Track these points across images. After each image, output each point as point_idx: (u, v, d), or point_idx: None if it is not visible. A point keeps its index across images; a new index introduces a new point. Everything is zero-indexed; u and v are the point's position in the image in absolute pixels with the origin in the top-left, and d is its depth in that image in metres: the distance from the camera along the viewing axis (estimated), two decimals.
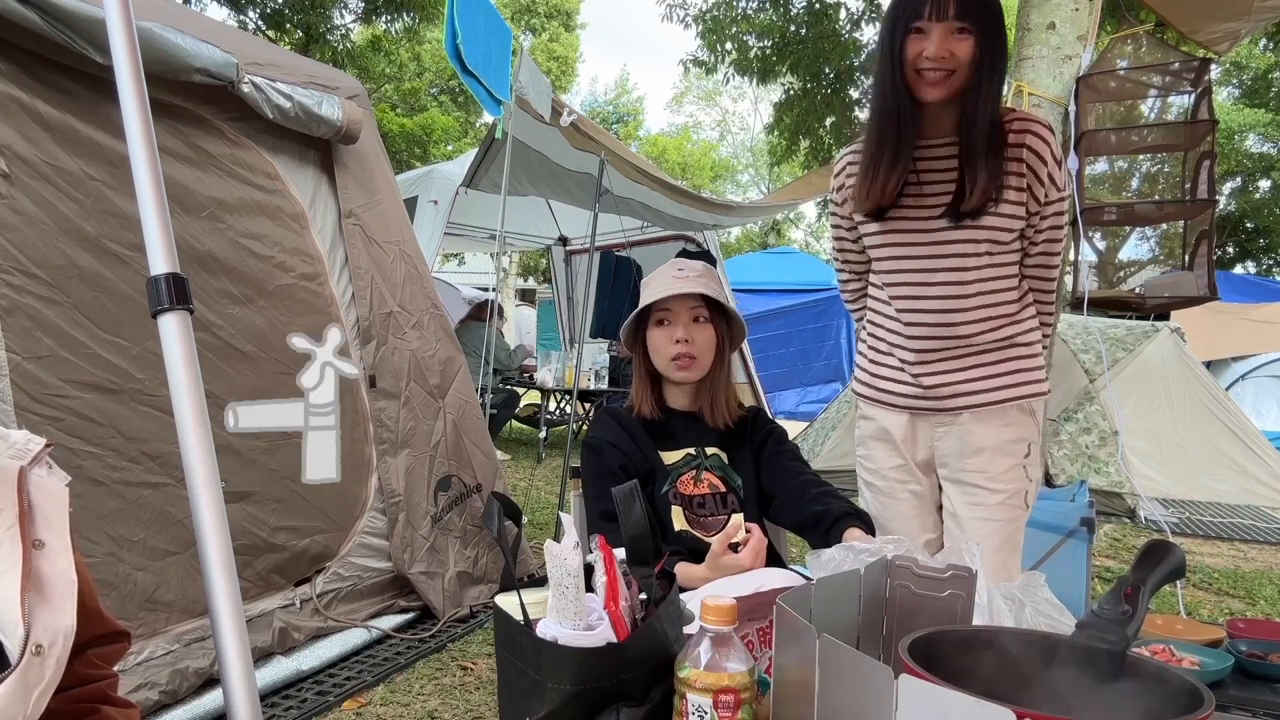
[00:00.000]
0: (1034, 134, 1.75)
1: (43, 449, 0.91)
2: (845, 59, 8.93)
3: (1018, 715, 0.65)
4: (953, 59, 1.67)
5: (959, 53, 1.67)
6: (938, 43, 1.67)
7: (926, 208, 1.80)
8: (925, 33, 1.68)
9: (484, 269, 18.65)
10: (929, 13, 1.67)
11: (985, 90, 1.70)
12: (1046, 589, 1.08)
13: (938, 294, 1.81)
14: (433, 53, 16.65)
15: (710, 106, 31.62)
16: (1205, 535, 5.28)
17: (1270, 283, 13.06)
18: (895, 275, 1.87)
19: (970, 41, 1.67)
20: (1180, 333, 6.35)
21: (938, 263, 1.80)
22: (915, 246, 1.82)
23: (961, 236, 1.77)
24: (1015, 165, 1.75)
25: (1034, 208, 1.78)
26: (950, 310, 1.81)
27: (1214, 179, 3.15)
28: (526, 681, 0.98)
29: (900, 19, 1.70)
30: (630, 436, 1.79)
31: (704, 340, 1.79)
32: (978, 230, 1.76)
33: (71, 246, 2.26)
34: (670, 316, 1.78)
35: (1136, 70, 3.35)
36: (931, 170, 1.80)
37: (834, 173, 1.99)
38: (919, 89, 1.71)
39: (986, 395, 1.84)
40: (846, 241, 2.02)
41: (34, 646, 0.80)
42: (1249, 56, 16.29)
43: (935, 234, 1.79)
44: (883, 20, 1.78)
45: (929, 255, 1.81)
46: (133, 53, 1.20)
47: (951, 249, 1.79)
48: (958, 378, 1.85)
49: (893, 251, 1.86)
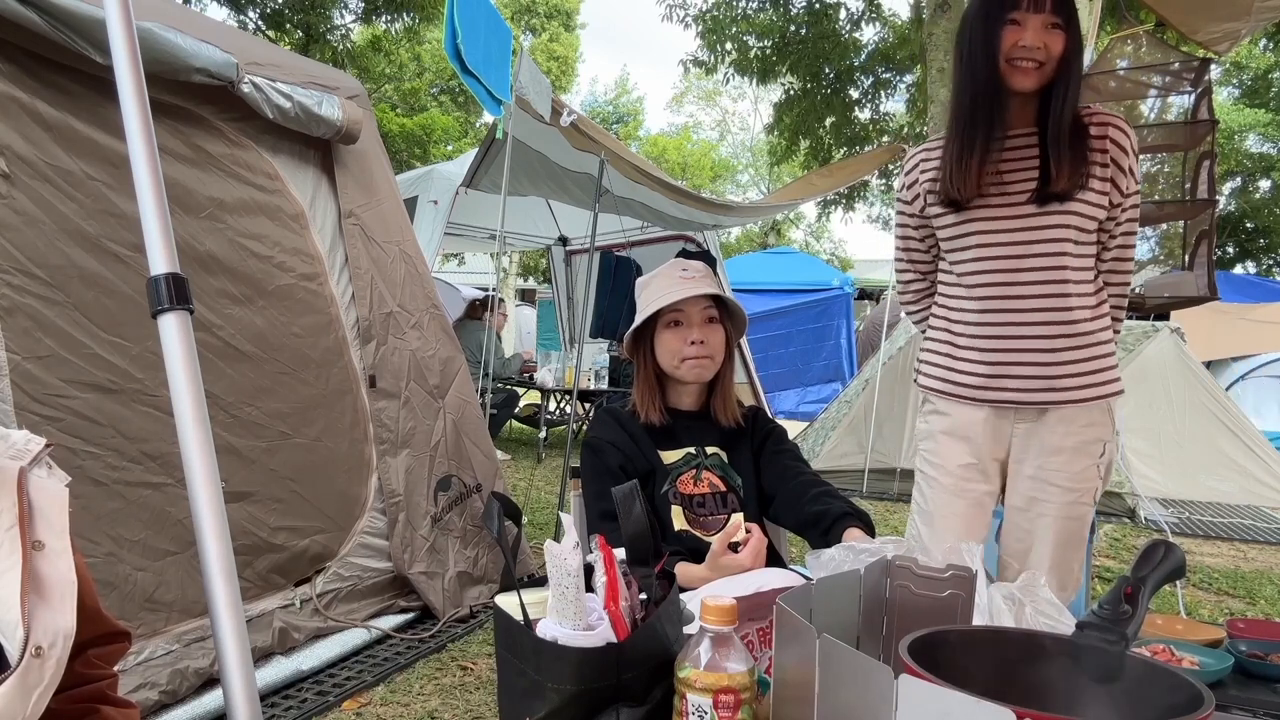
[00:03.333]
0: (1116, 127, 1.82)
1: (43, 449, 0.91)
2: (845, 59, 8.94)
3: (1018, 715, 0.65)
4: (1045, 51, 1.74)
5: (1052, 45, 1.75)
6: (1033, 34, 1.74)
7: (1011, 195, 1.83)
8: (1021, 24, 1.75)
9: (484, 269, 18.66)
10: (1027, 4, 1.74)
11: (1072, 83, 1.78)
12: (1046, 589, 1.08)
13: (1030, 279, 1.82)
14: (433, 53, 16.65)
15: (710, 106, 31.62)
16: (1205, 535, 5.28)
17: (1270, 283, 13.07)
18: (981, 265, 1.87)
19: (1062, 36, 1.75)
20: (1180, 333, 6.35)
21: (1029, 249, 1.82)
22: (1004, 234, 1.83)
23: (1050, 223, 1.80)
24: (1100, 156, 1.81)
25: (1116, 199, 1.83)
26: (1051, 296, 1.82)
27: (1214, 179, 3.15)
28: (526, 681, 0.98)
29: (995, 9, 1.77)
30: (630, 436, 1.79)
31: (718, 340, 1.81)
32: (1066, 215, 1.79)
33: (71, 246, 2.26)
34: (683, 318, 1.79)
35: (1136, 70, 3.35)
36: (1013, 160, 1.84)
37: (904, 170, 2.02)
38: (1012, 78, 1.78)
39: (1073, 393, 1.84)
40: (914, 240, 2.04)
41: (34, 648, 0.80)
42: (1249, 56, 16.29)
43: (1024, 220, 1.82)
44: (973, 9, 1.85)
45: (1020, 243, 1.82)
46: (133, 53, 1.20)
47: (1041, 235, 1.81)
48: (1047, 372, 1.84)
49: (979, 240, 1.86)
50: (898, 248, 2.09)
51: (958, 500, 1.95)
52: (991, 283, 1.86)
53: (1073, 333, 1.83)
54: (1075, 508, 1.87)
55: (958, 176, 1.83)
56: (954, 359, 1.94)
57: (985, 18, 1.79)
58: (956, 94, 1.89)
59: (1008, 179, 1.83)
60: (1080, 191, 1.79)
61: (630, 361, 1.89)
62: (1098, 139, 1.81)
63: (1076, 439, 1.85)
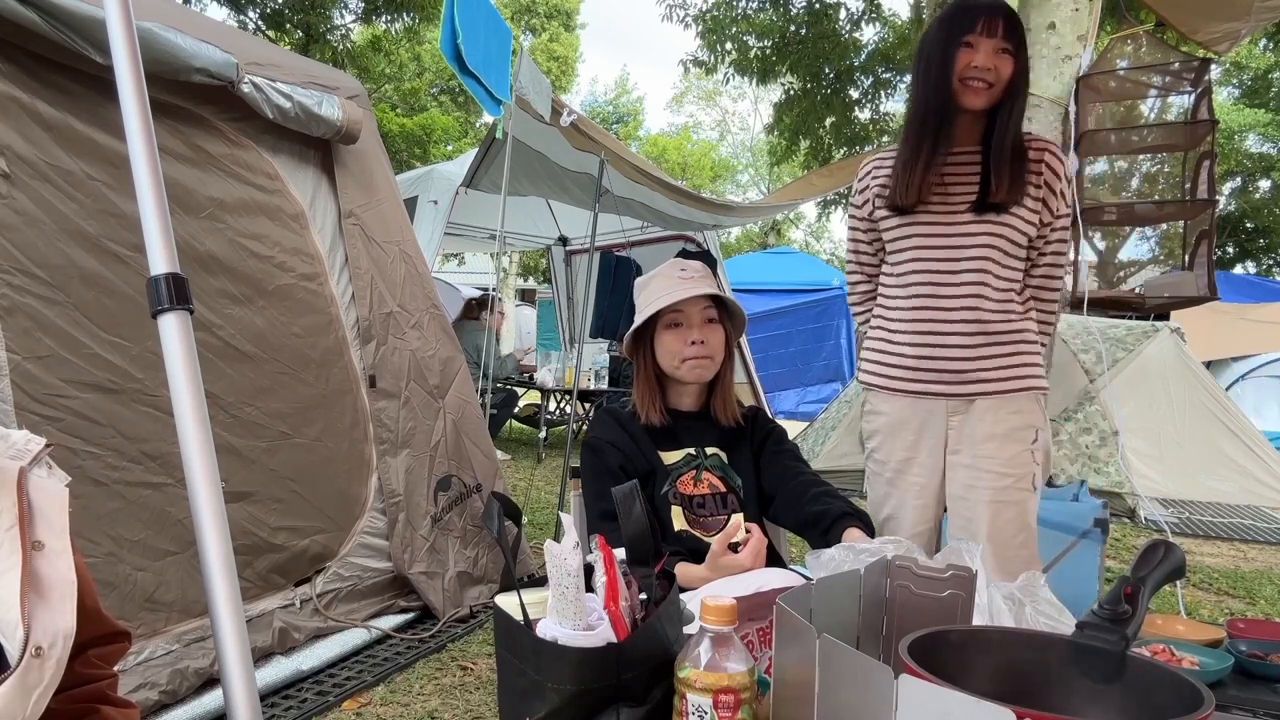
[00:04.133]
0: (1052, 153, 2.00)
1: (43, 449, 0.91)
2: (845, 59, 8.94)
3: (1018, 715, 0.65)
4: (995, 73, 1.90)
5: (1001, 69, 1.90)
6: (985, 56, 1.89)
7: (951, 205, 1.98)
8: (974, 46, 1.90)
9: (484, 269, 18.67)
10: (981, 29, 1.89)
11: (1017, 104, 1.94)
12: (1046, 589, 1.08)
13: (962, 281, 1.97)
14: (433, 53, 16.64)
15: (710, 106, 31.62)
16: (1205, 535, 5.28)
17: (1270, 283, 13.07)
18: (918, 265, 2.01)
19: (1011, 60, 1.90)
20: (1180, 333, 6.35)
21: (962, 253, 1.97)
22: (941, 238, 1.99)
23: (984, 230, 1.96)
24: (1035, 178, 1.98)
25: (1047, 218, 2.00)
26: (973, 297, 1.96)
27: (1214, 179, 3.15)
28: (526, 681, 0.98)
29: (955, 31, 1.92)
30: (630, 436, 1.79)
31: (718, 340, 1.81)
32: (1000, 226, 1.95)
33: (71, 246, 2.26)
34: (684, 319, 1.79)
35: (1136, 70, 3.35)
36: (956, 174, 2.00)
37: (857, 177, 2.16)
38: (963, 96, 1.92)
39: (999, 384, 1.98)
40: (862, 244, 2.18)
41: (34, 648, 0.80)
42: (1249, 56, 16.29)
43: (959, 227, 1.97)
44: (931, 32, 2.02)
45: (954, 247, 1.98)
46: (133, 53, 1.20)
47: (975, 241, 1.96)
48: (974, 365, 1.98)
49: (917, 243, 2.01)
50: (849, 250, 2.24)
51: (900, 491, 2.08)
52: (922, 282, 2.00)
53: (990, 331, 1.97)
54: (1011, 492, 1.98)
55: (904, 183, 1.98)
56: (887, 352, 2.08)
57: (943, 40, 1.93)
58: (911, 107, 2.05)
59: (951, 190, 1.99)
60: (1017, 204, 1.94)
61: (630, 361, 1.89)
62: (1034, 162, 1.98)
63: (1005, 425, 1.98)
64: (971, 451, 2.00)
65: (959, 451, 2.02)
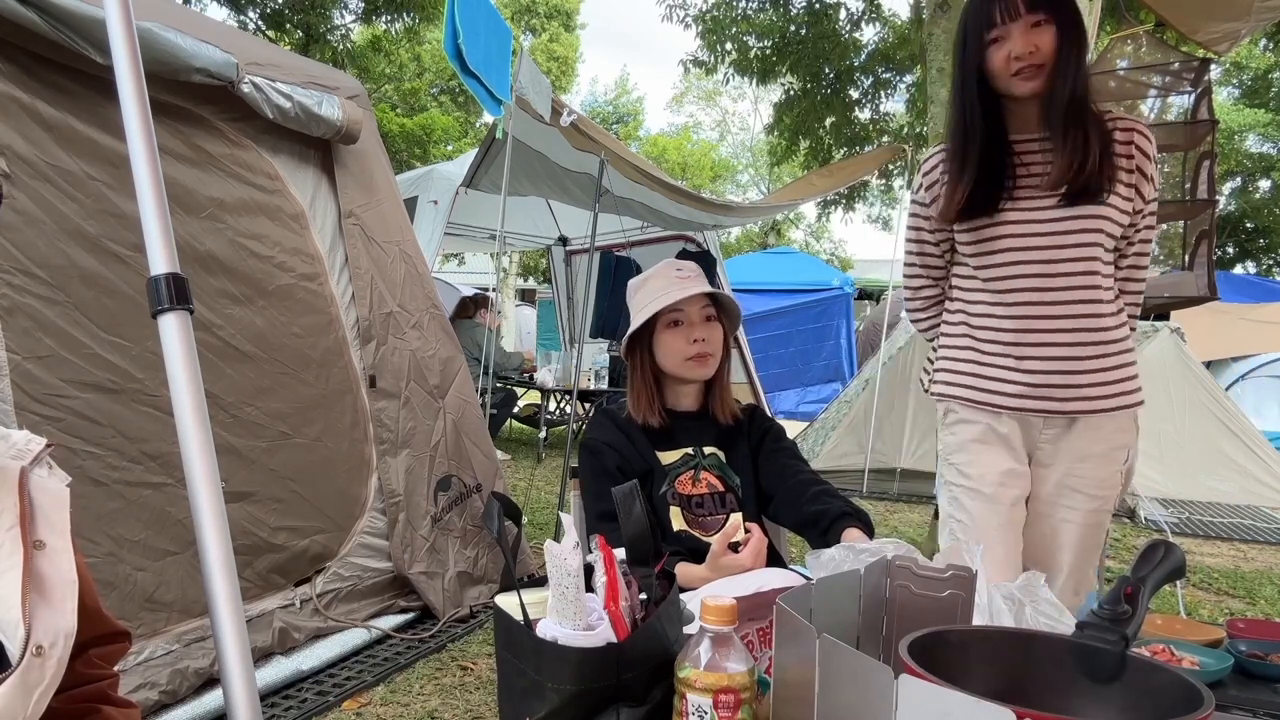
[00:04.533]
0: (1140, 133, 1.79)
1: (43, 449, 0.91)
2: (845, 59, 8.94)
3: (1018, 715, 0.65)
4: (1039, 52, 1.70)
5: (1043, 44, 1.70)
6: (1020, 40, 1.70)
7: (1039, 199, 1.78)
8: (1003, 38, 1.71)
9: (484, 269, 18.66)
10: (1000, 17, 1.71)
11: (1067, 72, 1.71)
12: (1046, 589, 1.08)
13: (1063, 285, 1.78)
14: (433, 53, 16.64)
15: (710, 106, 31.60)
16: (1205, 535, 5.28)
17: (1270, 283, 13.06)
18: (1012, 269, 1.81)
19: (1051, 31, 1.70)
20: (1180, 333, 6.34)
21: (1064, 253, 1.77)
22: (1039, 237, 1.78)
23: (1080, 226, 1.76)
24: (1125, 161, 1.77)
25: (1139, 205, 1.80)
26: (1075, 303, 1.78)
27: (1214, 179, 3.15)
28: (526, 681, 0.98)
29: (973, 33, 1.75)
30: (627, 437, 1.79)
31: (717, 338, 1.82)
32: (1097, 219, 1.75)
33: (72, 246, 2.26)
34: (684, 318, 1.79)
35: (1136, 70, 3.35)
36: (1035, 163, 1.80)
37: (922, 170, 1.96)
38: (1016, 89, 1.74)
39: (1102, 401, 1.81)
40: (928, 244, 1.97)
41: (35, 648, 0.80)
42: (1249, 56, 16.28)
43: (1055, 223, 1.77)
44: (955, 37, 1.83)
45: (1056, 245, 1.77)
46: (133, 53, 1.20)
47: (1077, 238, 1.76)
48: (1078, 380, 1.80)
49: (1009, 244, 1.80)
50: (909, 251, 2.02)
51: (1001, 508, 1.88)
52: (1024, 288, 1.81)
53: (1102, 340, 1.79)
54: (1097, 515, 1.86)
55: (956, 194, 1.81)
56: (981, 365, 1.89)
57: (964, 44, 1.78)
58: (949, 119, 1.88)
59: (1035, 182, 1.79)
60: (1107, 194, 1.75)
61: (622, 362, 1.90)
62: (1123, 144, 1.77)
63: (1104, 445, 1.83)
64: (1064, 469, 1.84)
65: (1051, 466, 1.86)
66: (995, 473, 1.88)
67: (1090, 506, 1.85)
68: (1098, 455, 1.83)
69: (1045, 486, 1.88)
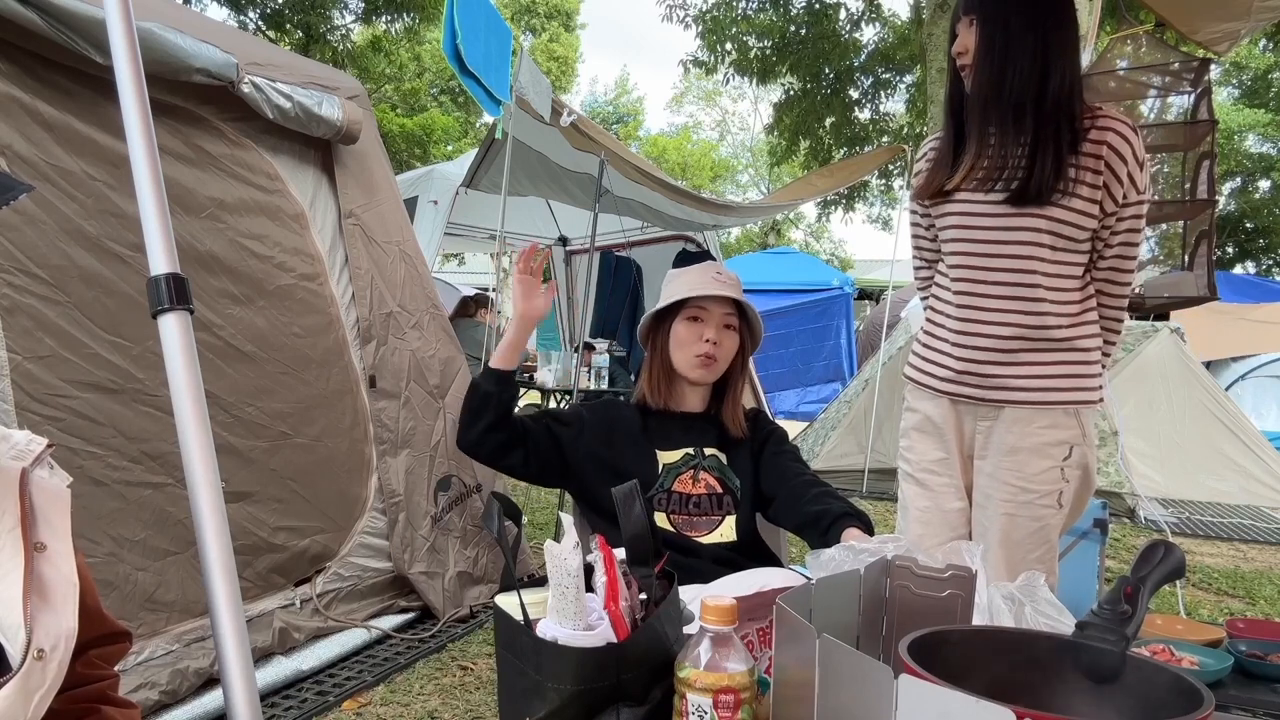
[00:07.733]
0: (1116, 132, 1.72)
1: (44, 450, 0.91)
2: (845, 59, 8.95)
3: (1018, 715, 0.65)
4: (966, 54, 1.75)
5: (968, 43, 1.75)
6: (960, 38, 1.75)
7: (984, 193, 1.79)
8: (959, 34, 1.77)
9: (484, 269, 18.64)
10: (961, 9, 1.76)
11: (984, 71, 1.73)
12: (1046, 589, 1.08)
13: (997, 280, 1.79)
14: (433, 53, 16.65)
15: (710, 107, 31.61)
16: (1205, 535, 5.28)
17: (1270, 283, 13.06)
18: (959, 259, 1.85)
19: (975, 30, 1.73)
20: (1180, 333, 6.35)
21: (1001, 249, 1.78)
22: (980, 230, 1.80)
23: (1026, 224, 1.74)
24: (1093, 162, 1.72)
25: (1110, 208, 1.75)
26: (1009, 299, 1.79)
27: (1214, 179, 3.15)
28: (526, 681, 0.98)
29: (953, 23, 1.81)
30: (625, 436, 1.80)
31: (729, 347, 1.82)
32: (1044, 220, 1.73)
33: (72, 246, 2.26)
34: (704, 315, 1.80)
35: (1136, 70, 3.35)
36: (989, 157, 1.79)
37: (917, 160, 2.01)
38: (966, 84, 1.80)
39: (1031, 394, 1.80)
40: (920, 229, 2.02)
41: (36, 651, 0.80)
42: (1249, 56, 16.29)
43: (1001, 219, 1.77)
44: None
45: (994, 240, 1.78)
46: (133, 53, 1.20)
47: (1016, 235, 1.76)
48: (1005, 371, 1.81)
49: (958, 234, 1.84)
50: (911, 235, 2.08)
51: (928, 492, 1.94)
52: (967, 278, 1.84)
53: (1041, 338, 1.79)
54: (1031, 508, 1.82)
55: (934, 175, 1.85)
56: (928, 349, 1.94)
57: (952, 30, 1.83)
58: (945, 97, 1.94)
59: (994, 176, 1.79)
60: (1062, 195, 1.71)
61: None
62: (1093, 143, 1.72)
63: (1034, 440, 1.81)
64: (994, 461, 1.85)
65: (984, 459, 1.87)
66: (927, 460, 1.94)
67: (1020, 499, 1.82)
68: (1027, 450, 1.81)
69: (980, 478, 1.89)
